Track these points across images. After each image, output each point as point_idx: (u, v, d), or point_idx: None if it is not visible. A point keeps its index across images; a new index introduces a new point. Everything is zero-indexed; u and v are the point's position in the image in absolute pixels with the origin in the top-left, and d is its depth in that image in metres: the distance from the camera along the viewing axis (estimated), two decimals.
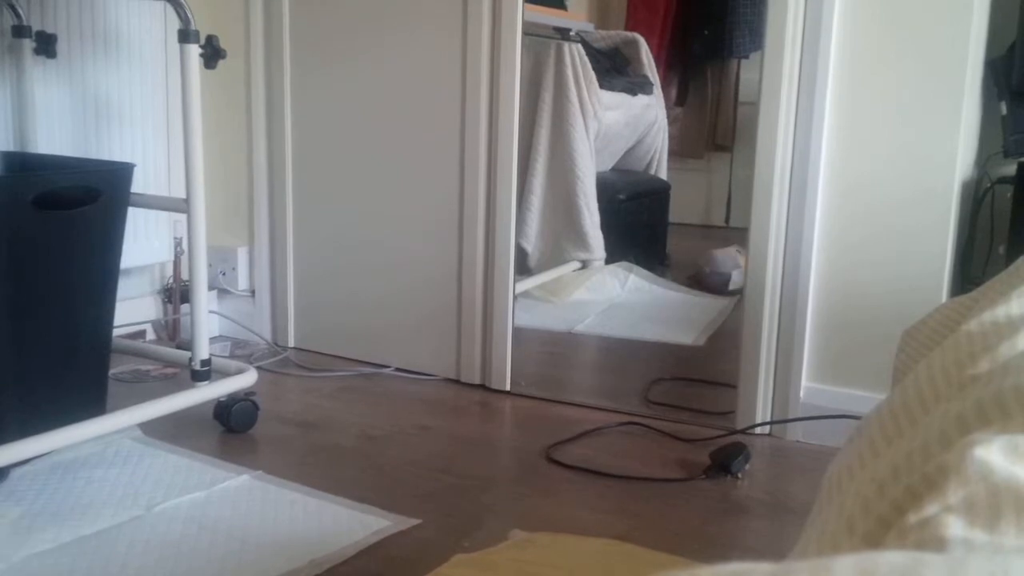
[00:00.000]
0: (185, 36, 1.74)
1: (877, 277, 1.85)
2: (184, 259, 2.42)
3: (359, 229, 2.39)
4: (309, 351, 2.50)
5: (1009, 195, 2.05)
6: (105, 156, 2.24)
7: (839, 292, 1.89)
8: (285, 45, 2.41)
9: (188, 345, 1.88)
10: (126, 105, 2.30)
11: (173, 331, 2.51)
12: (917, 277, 1.82)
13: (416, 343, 2.33)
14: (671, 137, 3.49)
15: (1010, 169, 2.07)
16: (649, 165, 3.43)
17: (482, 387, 2.24)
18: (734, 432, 1.94)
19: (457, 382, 2.27)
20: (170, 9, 1.81)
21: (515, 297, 2.21)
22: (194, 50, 1.75)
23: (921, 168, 1.80)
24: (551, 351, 2.60)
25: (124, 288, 2.26)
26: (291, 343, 2.53)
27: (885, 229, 1.84)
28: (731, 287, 2.99)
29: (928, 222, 1.80)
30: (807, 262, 1.88)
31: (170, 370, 2.24)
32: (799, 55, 1.83)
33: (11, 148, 2.03)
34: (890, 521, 0.46)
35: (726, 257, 3.10)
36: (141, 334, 2.47)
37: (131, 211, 1.75)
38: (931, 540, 0.39)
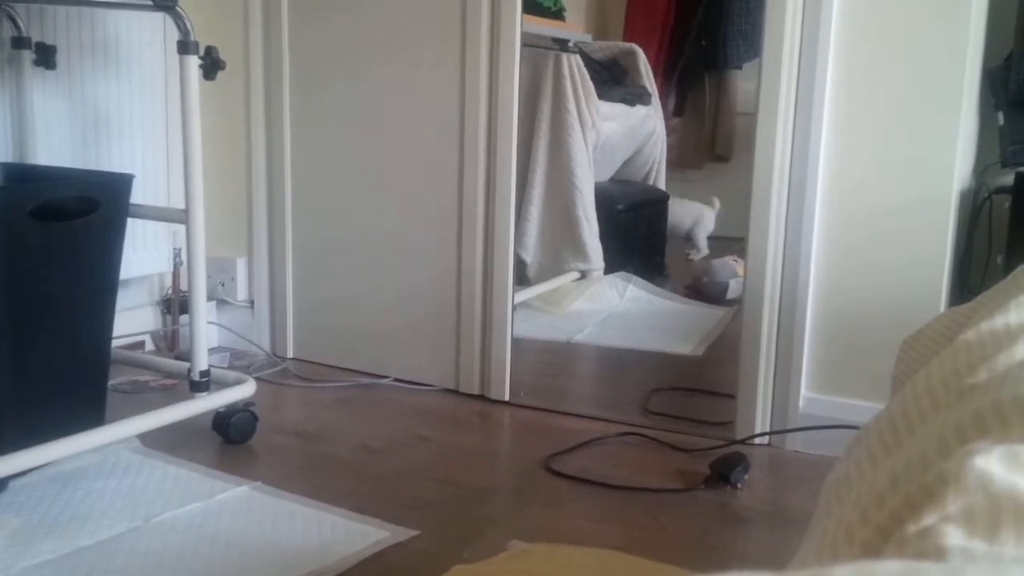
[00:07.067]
0: (184, 47, 1.74)
1: (876, 286, 1.86)
2: (183, 270, 2.42)
3: (358, 239, 2.39)
4: (308, 361, 2.49)
5: (1007, 205, 2.05)
6: (104, 167, 2.24)
7: (838, 301, 1.89)
8: (284, 57, 2.42)
9: (187, 356, 1.88)
10: (125, 116, 2.30)
11: (172, 342, 2.51)
12: (915, 286, 1.82)
13: (415, 353, 2.33)
14: (669, 148, 3.50)
15: (1008, 179, 2.08)
16: (648, 175, 3.43)
17: (481, 397, 2.24)
18: (733, 442, 1.94)
19: (456, 392, 2.27)
20: (169, 21, 1.81)
21: (514, 307, 2.21)
22: (193, 61, 1.75)
23: (919, 176, 1.80)
24: (550, 361, 2.59)
25: (123, 299, 2.26)
26: (290, 354, 2.53)
27: (883, 238, 1.84)
28: (729, 296, 2.99)
29: (926, 230, 1.81)
30: (805, 272, 1.89)
31: (169, 381, 2.24)
32: (796, 66, 1.84)
33: (10, 159, 2.04)
34: (889, 531, 0.46)
35: (723, 266, 3.11)
36: (140, 345, 2.47)
37: (130, 222, 1.75)
38: (930, 550, 0.39)
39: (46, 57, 2.09)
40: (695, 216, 3.40)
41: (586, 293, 2.97)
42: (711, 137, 3.68)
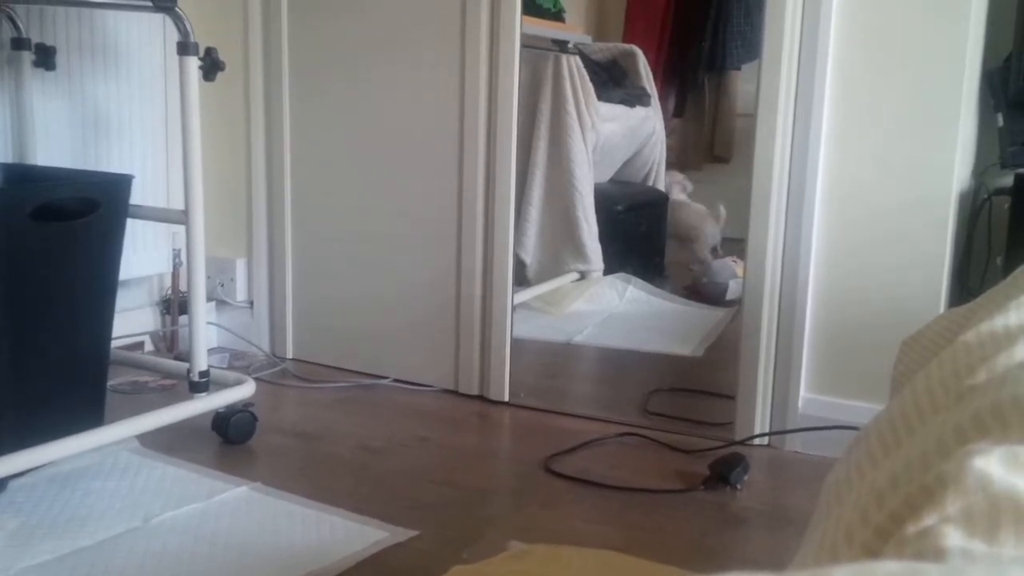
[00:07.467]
0: (184, 48, 1.74)
1: (875, 287, 1.86)
2: (182, 270, 2.42)
3: (357, 239, 2.39)
4: (307, 362, 2.49)
5: (1006, 206, 2.05)
6: (104, 168, 2.24)
7: (837, 302, 1.89)
8: (284, 58, 2.42)
9: (186, 356, 1.88)
10: (125, 117, 2.30)
11: (171, 343, 2.51)
12: (915, 286, 1.82)
13: (414, 354, 2.33)
14: (669, 149, 3.50)
15: (1007, 180, 2.08)
16: (647, 176, 3.43)
17: (481, 398, 2.24)
18: (733, 443, 1.94)
19: (455, 393, 2.27)
20: (169, 22, 1.81)
21: (514, 308, 2.21)
22: (193, 62, 1.75)
23: (919, 177, 1.80)
24: (549, 362, 2.59)
25: (122, 299, 2.26)
26: (289, 354, 2.53)
27: (883, 238, 1.84)
28: (728, 297, 2.99)
29: (926, 231, 1.81)
30: (805, 272, 1.89)
31: (168, 381, 2.24)
32: (796, 66, 1.84)
33: (10, 160, 2.04)
34: (889, 531, 0.46)
35: (723, 267, 3.11)
36: (139, 346, 2.46)
37: (130, 222, 1.75)
38: (930, 550, 0.39)
39: (46, 58, 2.09)
40: (694, 223, 3.39)
41: (586, 294, 2.98)
42: (710, 138, 3.68)
